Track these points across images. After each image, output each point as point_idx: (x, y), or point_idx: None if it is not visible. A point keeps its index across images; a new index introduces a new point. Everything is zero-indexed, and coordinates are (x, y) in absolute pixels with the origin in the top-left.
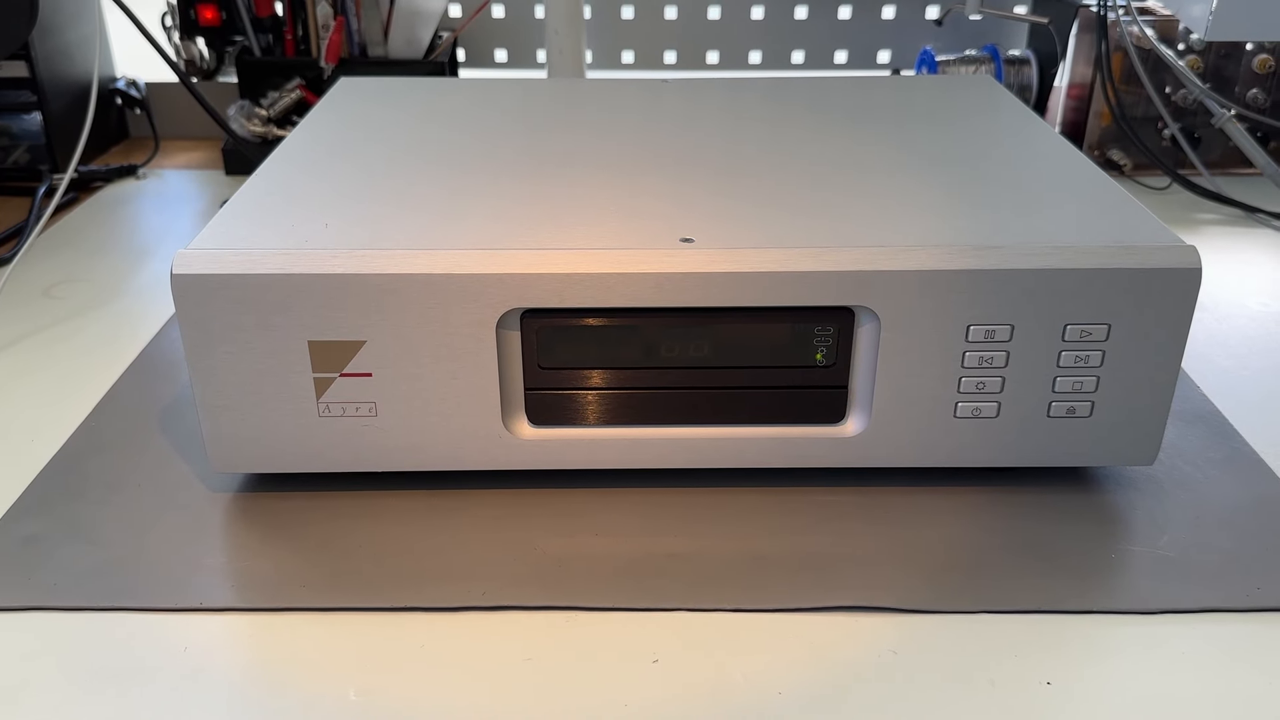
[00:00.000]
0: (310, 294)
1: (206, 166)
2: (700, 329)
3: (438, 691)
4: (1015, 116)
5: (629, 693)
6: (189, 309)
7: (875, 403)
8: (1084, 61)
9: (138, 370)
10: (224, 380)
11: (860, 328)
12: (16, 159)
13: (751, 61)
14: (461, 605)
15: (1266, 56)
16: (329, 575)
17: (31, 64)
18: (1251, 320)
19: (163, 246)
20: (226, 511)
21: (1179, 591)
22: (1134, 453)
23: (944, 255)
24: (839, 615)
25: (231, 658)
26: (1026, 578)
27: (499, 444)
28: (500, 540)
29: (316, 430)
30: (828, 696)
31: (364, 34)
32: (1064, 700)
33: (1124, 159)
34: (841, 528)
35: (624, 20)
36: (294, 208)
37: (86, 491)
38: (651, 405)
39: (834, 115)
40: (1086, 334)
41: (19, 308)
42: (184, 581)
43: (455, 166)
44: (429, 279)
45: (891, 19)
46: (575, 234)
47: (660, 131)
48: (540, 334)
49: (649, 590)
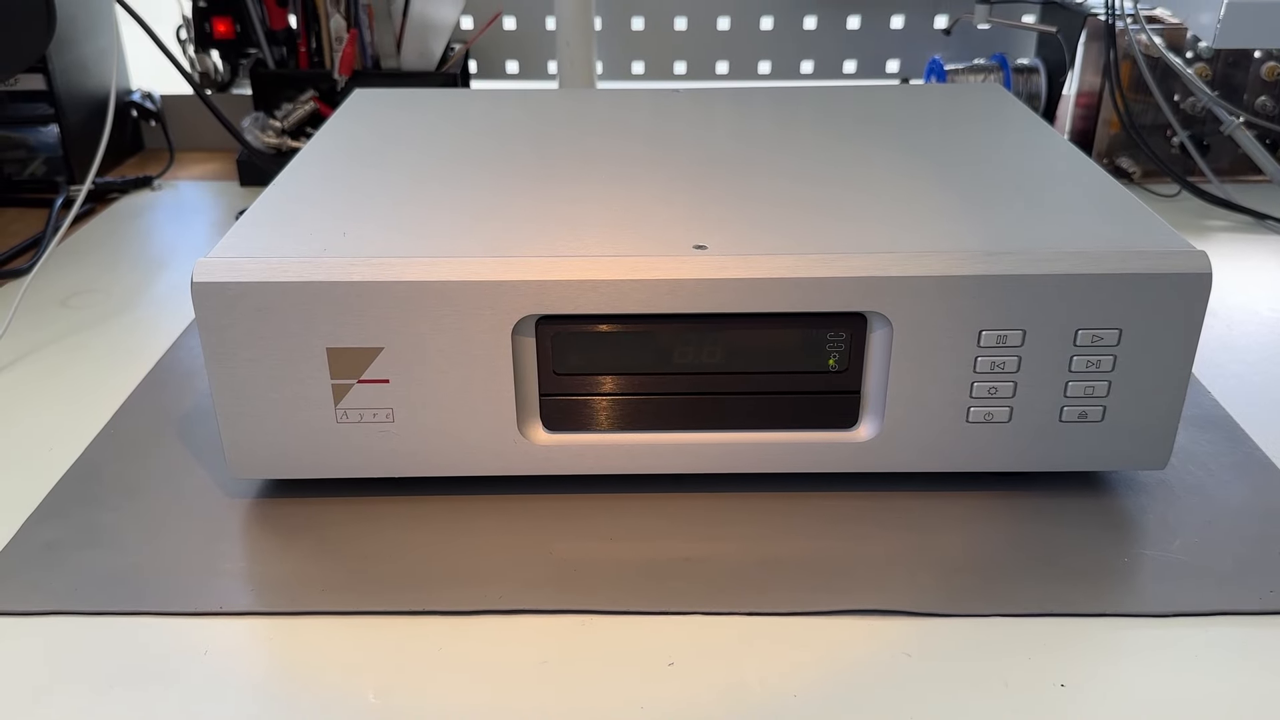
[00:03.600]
0: (329, 301)
1: (221, 178)
2: (713, 335)
3: (455, 694)
4: (1025, 123)
5: (644, 695)
6: (209, 316)
7: (888, 408)
8: (1092, 70)
9: (155, 379)
10: (243, 387)
11: (873, 333)
12: (34, 171)
13: (761, 71)
14: (478, 609)
15: (1275, 64)
16: (347, 579)
17: (49, 77)
18: (1262, 326)
19: (178, 257)
20: (245, 517)
21: (1191, 595)
22: (1146, 457)
23: (956, 261)
24: (853, 618)
25: (251, 661)
26: (1039, 581)
27: (514, 449)
28: (516, 544)
29: (334, 436)
30: (842, 699)
31: (377, 46)
32: (1077, 702)
33: (1133, 167)
34: (855, 532)
35: (634, 31)
36: (312, 216)
37: (106, 498)
38: (665, 411)
39: (844, 123)
40: (1098, 339)
41: (37, 317)
42: (203, 586)
43: (469, 175)
44: (445, 286)
45: (900, 29)
46: (589, 241)
47: (672, 140)
48: (555, 340)
49: (664, 594)
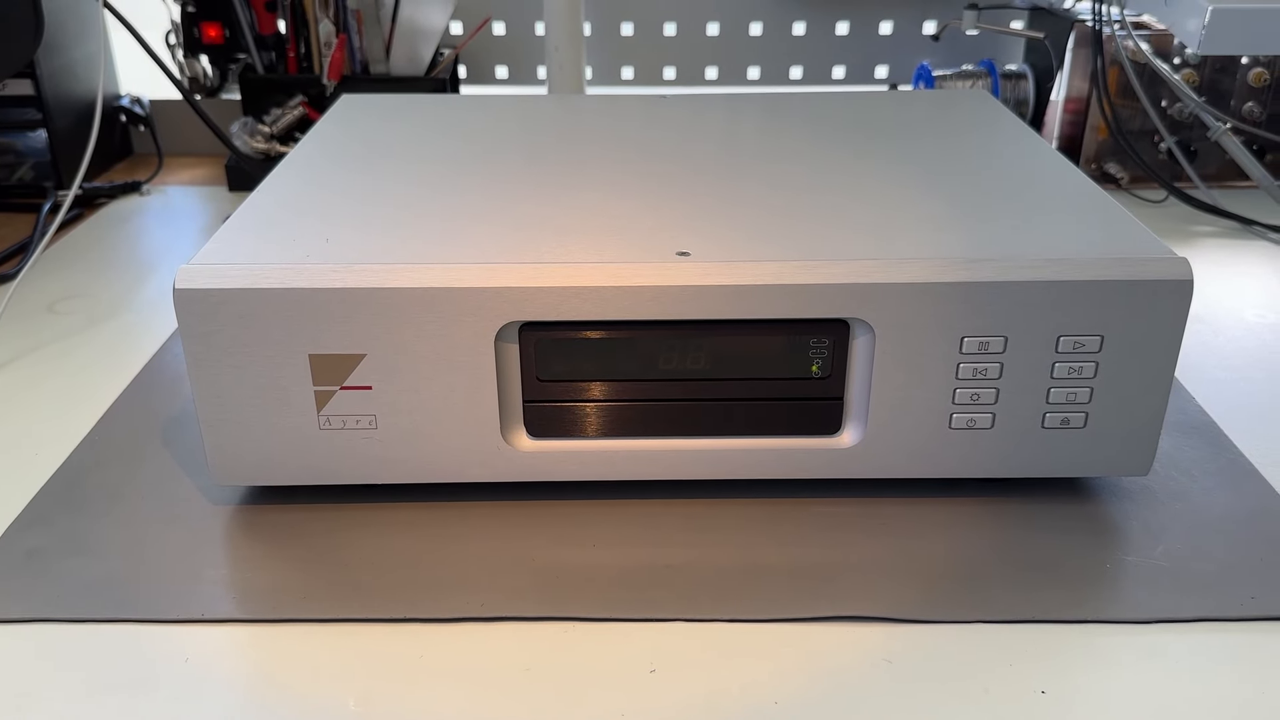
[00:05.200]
0: (311, 308)
1: (210, 183)
2: (697, 341)
3: (437, 702)
4: (1009, 130)
5: (626, 702)
6: (191, 323)
7: (871, 414)
8: (1080, 76)
9: (140, 385)
10: (225, 393)
11: (855, 340)
12: (21, 176)
13: (750, 77)
14: (460, 616)
15: (1261, 70)
16: (329, 586)
17: (37, 81)
18: (1248, 332)
19: (166, 262)
20: (228, 524)
21: (1173, 601)
22: (1129, 463)
23: (938, 268)
24: (835, 625)
25: (233, 668)
26: (1021, 588)
27: (497, 456)
28: (498, 551)
29: (317, 443)
30: (823, 706)
31: (366, 51)
32: (1059, 709)
33: (1121, 172)
34: (837, 538)
35: (624, 36)
36: (296, 223)
37: (89, 504)
38: (649, 417)
39: (831, 130)
40: (1080, 345)
41: (23, 323)
42: (186, 593)
43: (455, 181)
44: (428, 292)
45: (889, 34)
46: (573, 248)
47: (658, 146)
48: (538, 347)
49: (646, 600)
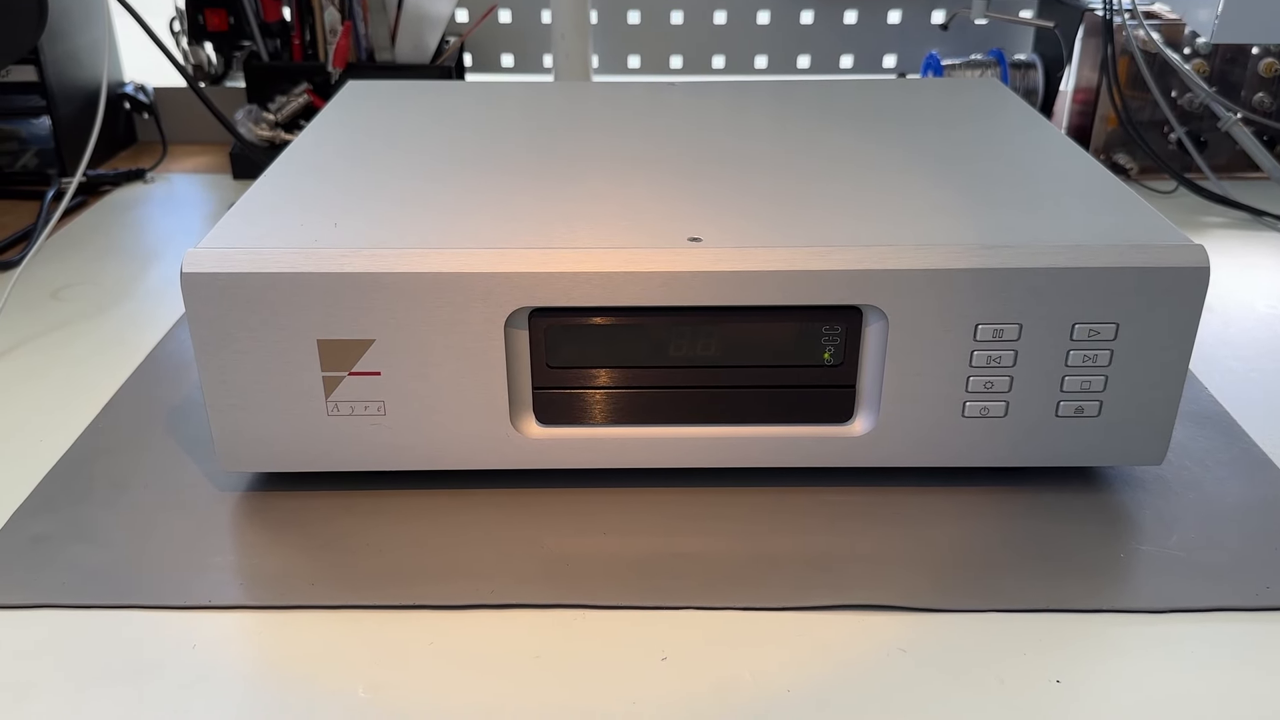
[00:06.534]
0: (319, 293)
1: (214, 171)
2: (708, 328)
3: (446, 689)
4: (1021, 118)
5: (637, 690)
6: (199, 307)
7: (883, 402)
8: (1090, 66)
9: (145, 372)
10: (233, 379)
11: (868, 327)
12: (25, 163)
13: (757, 66)
14: (470, 603)
15: (1272, 60)
16: (337, 573)
17: (40, 69)
18: (1259, 322)
19: (170, 250)
20: (235, 510)
21: (1187, 591)
22: (1142, 452)
23: (952, 254)
24: (847, 614)
25: (240, 655)
26: (1035, 577)
27: (507, 443)
28: (508, 538)
29: (325, 429)
30: (836, 694)
31: (371, 39)
32: (1072, 698)
33: (1130, 163)
34: (849, 527)
35: (630, 25)
36: (303, 208)
37: (94, 491)
38: (659, 405)
39: (840, 117)
40: (1095, 333)
41: (28, 310)
42: (192, 580)
43: (462, 168)
44: (437, 278)
45: (897, 23)
46: (583, 233)
47: (667, 133)
48: (548, 333)
49: (657, 588)
